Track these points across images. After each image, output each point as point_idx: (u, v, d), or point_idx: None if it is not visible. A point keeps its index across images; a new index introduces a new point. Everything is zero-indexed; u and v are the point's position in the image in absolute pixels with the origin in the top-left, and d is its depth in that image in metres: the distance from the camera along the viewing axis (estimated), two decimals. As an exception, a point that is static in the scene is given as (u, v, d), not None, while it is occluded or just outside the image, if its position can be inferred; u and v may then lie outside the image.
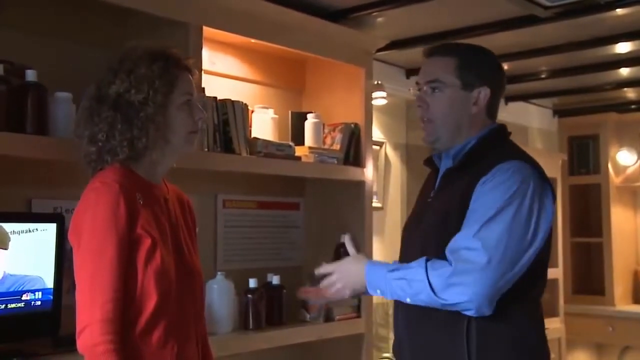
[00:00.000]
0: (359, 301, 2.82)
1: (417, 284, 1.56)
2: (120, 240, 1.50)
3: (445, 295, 1.54)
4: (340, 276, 1.69)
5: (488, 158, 1.66)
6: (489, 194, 1.58)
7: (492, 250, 1.53)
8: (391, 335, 1.93)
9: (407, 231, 1.83)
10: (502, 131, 1.78)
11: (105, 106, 1.59)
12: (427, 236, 1.69)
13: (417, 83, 1.79)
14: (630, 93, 4.75)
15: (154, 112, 1.59)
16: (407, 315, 1.70)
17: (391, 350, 1.89)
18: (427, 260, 1.58)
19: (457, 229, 1.60)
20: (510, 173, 1.60)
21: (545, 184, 1.65)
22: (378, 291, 1.64)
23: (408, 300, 1.60)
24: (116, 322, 1.47)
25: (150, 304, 1.53)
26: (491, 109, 1.76)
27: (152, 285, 1.53)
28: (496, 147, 1.72)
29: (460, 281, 1.52)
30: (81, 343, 1.47)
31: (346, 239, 1.76)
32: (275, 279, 2.60)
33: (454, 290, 1.53)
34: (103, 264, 1.48)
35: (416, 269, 1.57)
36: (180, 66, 1.66)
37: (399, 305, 1.73)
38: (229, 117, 2.44)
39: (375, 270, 1.64)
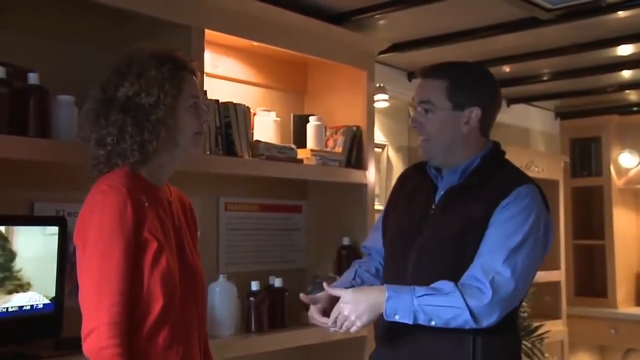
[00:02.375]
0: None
1: (455, 310, 1.59)
2: (127, 243, 1.50)
3: (483, 321, 1.61)
4: (352, 308, 1.63)
5: (499, 179, 1.73)
6: (513, 219, 1.66)
7: (519, 277, 1.64)
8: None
9: (401, 242, 1.80)
10: (500, 150, 1.85)
11: (113, 109, 1.58)
12: (438, 252, 1.71)
13: (412, 99, 1.84)
14: (632, 95, 4.75)
15: (165, 115, 1.59)
16: (409, 327, 1.69)
17: (369, 357, 1.89)
18: (456, 285, 1.61)
19: (475, 248, 1.66)
20: (529, 199, 1.68)
21: (547, 206, 1.75)
22: (397, 316, 1.61)
23: (432, 324, 1.61)
24: (123, 325, 1.47)
25: (157, 307, 1.53)
26: (484, 127, 1.81)
27: (158, 288, 1.53)
28: (500, 166, 1.80)
29: (496, 308, 1.61)
30: (88, 346, 1.46)
31: (325, 286, 1.73)
32: (277, 282, 2.59)
33: (490, 315, 1.61)
34: (110, 267, 1.48)
35: (452, 295, 1.60)
36: (187, 69, 1.67)
37: None
38: (231, 119, 2.44)
39: (400, 296, 1.61)
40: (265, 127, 2.69)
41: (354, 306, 1.63)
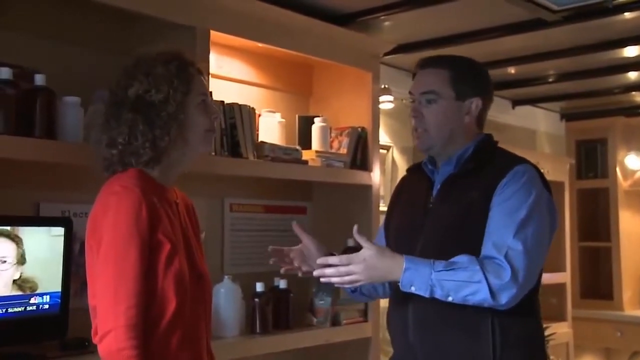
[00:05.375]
0: (365, 305, 2.82)
1: (475, 285, 1.56)
2: (142, 244, 1.50)
3: (502, 297, 1.57)
4: (365, 268, 1.60)
5: (494, 163, 1.73)
6: (515, 196, 1.64)
7: (531, 250, 1.60)
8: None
9: (404, 241, 1.78)
10: (493, 139, 1.85)
11: (123, 109, 1.59)
12: (441, 243, 1.69)
13: (410, 93, 1.83)
14: (638, 97, 4.73)
15: (176, 111, 1.60)
16: (422, 322, 1.69)
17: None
18: (477, 260, 1.59)
19: (480, 231, 1.64)
20: (527, 176, 1.67)
21: (546, 184, 1.74)
22: (413, 288, 1.59)
23: (450, 299, 1.58)
24: (139, 327, 1.47)
25: (170, 308, 1.53)
26: (481, 119, 1.82)
27: (172, 289, 1.53)
28: (493, 153, 1.79)
29: (514, 284, 1.57)
30: (104, 347, 1.46)
31: (355, 231, 1.67)
32: (282, 283, 2.59)
33: (509, 292, 1.57)
34: (126, 268, 1.48)
35: (472, 270, 1.57)
36: (194, 67, 1.68)
37: (407, 313, 1.72)
38: (236, 121, 2.44)
39: (418, 268, 1.59)
40: (271, 129, 2.69)
41: (369, 270, 1.60)
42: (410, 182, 1.92)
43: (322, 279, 1.67)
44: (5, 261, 1.80)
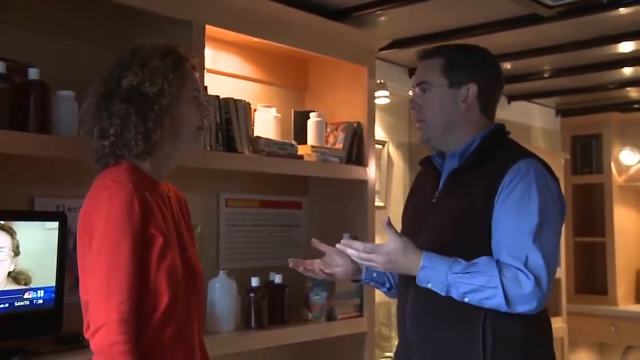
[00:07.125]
0: (361, 300, 2.83)
1: (491, 290, 1.55)
2: (134, 239, 1.50)
3: (521, 308, 1.56)
4: (385, 261, 1.60)
5: (498, 157, 1.69)
6: (524, 199, 1.60)
7: (549, 255, 1.59)
8: (393, 335, 1.92)
9: (410, 233, 1.75)
10: (502, 130, 1.80)
11: (116, 100, 1.58)
12: (442, 237, 1.68)
13: (412, 87, 1.83)
14: (633, 92, 4.74)
15: (169, 104, 1.59)
16: (418, 316, 1.69)
17: (393, 353, 1.88)
18: (497, 264, 1.57)
19: (481, 229, 1.62)
20: (532, 174, 1.63)
21: (554, 176, 1.71)
22: (429, 284, 1.59)
23: (466, 300, 1.58)
24: (132, 322, 1.47)
25: (163, 302, 1.53)
26: (485, 107, 1.78)
27: (164, 284, 1.53)
28: (501, 145, 1.75)
29: (537, 295, 1.56)
30: (97, 342, 1.46)
31: (385, 223, 1.64)
32: (277, 278, 2.60)
33: (531, 303, 1.56)
34: (118, 263, 1.48)
35: (489, 275, 1.55)
36: (189, 62, 1.68)
37: (405, 307, 1.73)
38: (232, 116, 2.44)
39: (435, 267, 1.58)
40: (266, 123, 2.69)
41: (389, 263, 1.61)
42: (422, 175, 1.92)
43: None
44: (1, 251, 1.79)
